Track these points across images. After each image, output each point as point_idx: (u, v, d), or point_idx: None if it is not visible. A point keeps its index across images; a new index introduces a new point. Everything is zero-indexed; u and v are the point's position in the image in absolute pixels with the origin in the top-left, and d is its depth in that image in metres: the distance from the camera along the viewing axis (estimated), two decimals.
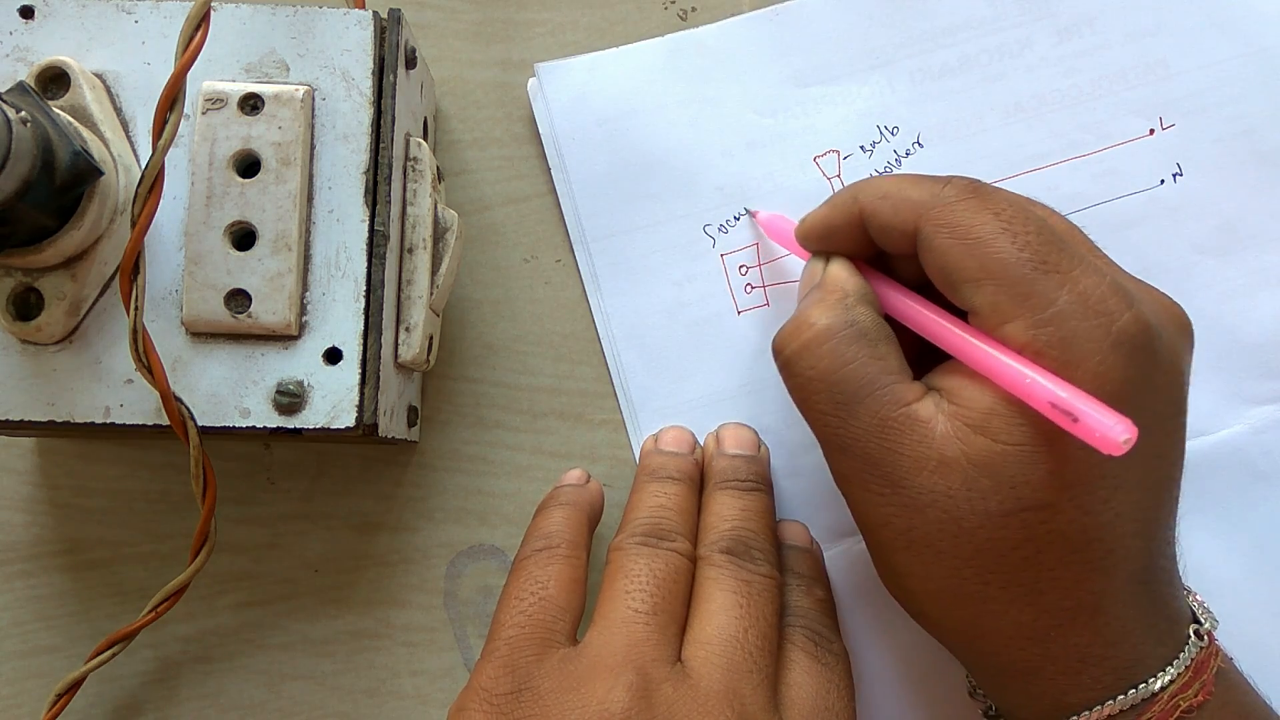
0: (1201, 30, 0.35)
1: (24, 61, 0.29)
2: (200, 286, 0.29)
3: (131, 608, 0.35)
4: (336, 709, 0.34)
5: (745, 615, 0.28)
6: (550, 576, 0.29)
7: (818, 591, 0.31)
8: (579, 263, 0.36)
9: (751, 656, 0.27)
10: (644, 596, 0.28)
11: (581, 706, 0.26)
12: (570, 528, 0.31)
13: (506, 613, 0.29)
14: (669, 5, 0.37)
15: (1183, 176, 0.35)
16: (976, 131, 0.36)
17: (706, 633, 0.28)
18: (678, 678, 0.26)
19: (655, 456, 0.33)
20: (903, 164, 0.36)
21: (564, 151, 0.36)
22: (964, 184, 0.28)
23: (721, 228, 0.36)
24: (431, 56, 0.37)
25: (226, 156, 0.29)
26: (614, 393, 0.35)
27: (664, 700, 0.26)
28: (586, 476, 0.34)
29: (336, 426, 0.29)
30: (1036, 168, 0.35)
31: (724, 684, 0.26)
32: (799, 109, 0.36)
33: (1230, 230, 0.35)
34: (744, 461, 0.33)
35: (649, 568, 0.29)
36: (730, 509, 0.31)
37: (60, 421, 0.29)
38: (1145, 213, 0.35)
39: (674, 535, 0.30)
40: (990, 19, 0.36)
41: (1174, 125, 0.35)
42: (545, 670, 0.27)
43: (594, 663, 0.27)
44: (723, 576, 0.29)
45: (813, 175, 0.36)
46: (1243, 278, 0.34)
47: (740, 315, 0.35)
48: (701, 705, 0.26)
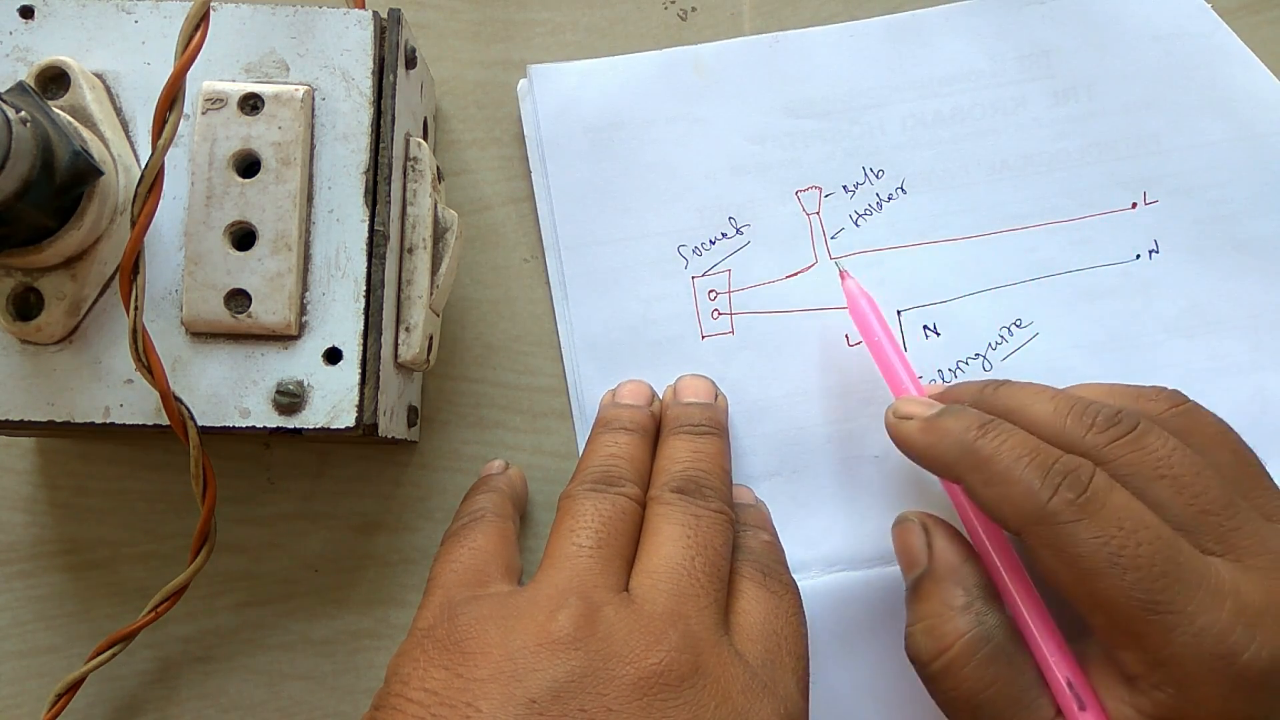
0: (1197, 109, 0.35)
1: (24, 61, 0.29)
2: (200, 286, 0.29)
3: (131, 608, 0.35)
4: (336, 709, 0.34)
5: (693, 545, 0.28)
6: (479, 534, 0.31)
7: (764, 536, 0.31)
8: (548, 268, 0.36)
9: (699, 582, 0.27)
10: (589, 534, 0.28)
11: (523, 632, 0.25)
12: (495, 503, 0.32)
13: (439, 569, 0.30)
14: (669, 5, 0.37)
15: (1159, 254, 0.35)
16: (961, 184, 0.35)
17: (653, 562, 0.28)
18: (621, 602, 0.26)
19: (611, 409, 0.33)
20: (884, 208, 0.35)
21: (546, 155, 0.36)
22: (1073, 492, 0.26)
23: (696, 250, 0.35)
24: (431, 56, 0.37)
25: (226, 156, 0.29)
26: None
27: (606, 622, 0.26)
28: (506, 465, 0.35)
29: (336, 426, 0.29)
30: (1015, 227, 0.35)
31: (669, 607, 0.26)
32: (787, 140, 0.36)
33: (1198, 313, 0.35)
34: (699, 408, 0.33)
35: (595, 509, 0.29)
36: (683, 451, 0.31)
37: (60, 421, 0.29)
38: (1117, 285, 0.35)
39: (624, 481, 0.30)
40: (989, 73, 0.36)
41: (1157, 201, 0.35)
42: (485, 604, 0.27)
43: (536, 594, 0.27)
44: (672, 512, 0.29)
45: (792, 209, 0.36)
46: (1204, 362, 0.34)
47: (704, 340, 0.35)
48: (645, 627, 0.26)
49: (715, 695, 0.25)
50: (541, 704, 0.24)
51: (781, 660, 0.27)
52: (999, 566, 0.29)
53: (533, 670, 0.25)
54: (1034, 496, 0.26)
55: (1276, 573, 0.25)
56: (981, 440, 0.27)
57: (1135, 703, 0.26)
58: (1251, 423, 0.33)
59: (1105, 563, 0.25)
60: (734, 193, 0.36)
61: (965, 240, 0.35)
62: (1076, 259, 0.35)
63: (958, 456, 0.28)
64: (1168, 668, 0.25)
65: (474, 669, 0.25)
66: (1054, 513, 0.25)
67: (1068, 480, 0.26)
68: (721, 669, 0.26)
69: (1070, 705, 0.27)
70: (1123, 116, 0.36)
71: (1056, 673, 0.27)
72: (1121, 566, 0.25)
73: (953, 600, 0.28)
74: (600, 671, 0.25)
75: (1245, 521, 0.26)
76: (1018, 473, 0.26)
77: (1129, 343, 0.34)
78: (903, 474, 0.34)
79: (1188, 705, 0.25)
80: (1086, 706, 0.26)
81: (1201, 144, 0.35)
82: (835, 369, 0.35)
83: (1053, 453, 0.27)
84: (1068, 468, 0.26)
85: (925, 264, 0.35)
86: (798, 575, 0.31)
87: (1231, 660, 0.24)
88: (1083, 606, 0.26)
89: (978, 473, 0.27)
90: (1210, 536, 0.26)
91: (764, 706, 0.25)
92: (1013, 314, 0.35)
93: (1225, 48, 0.36)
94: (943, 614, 0.28)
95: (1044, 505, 0.26)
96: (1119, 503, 0.25)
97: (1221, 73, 0.35)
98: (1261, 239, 0.35)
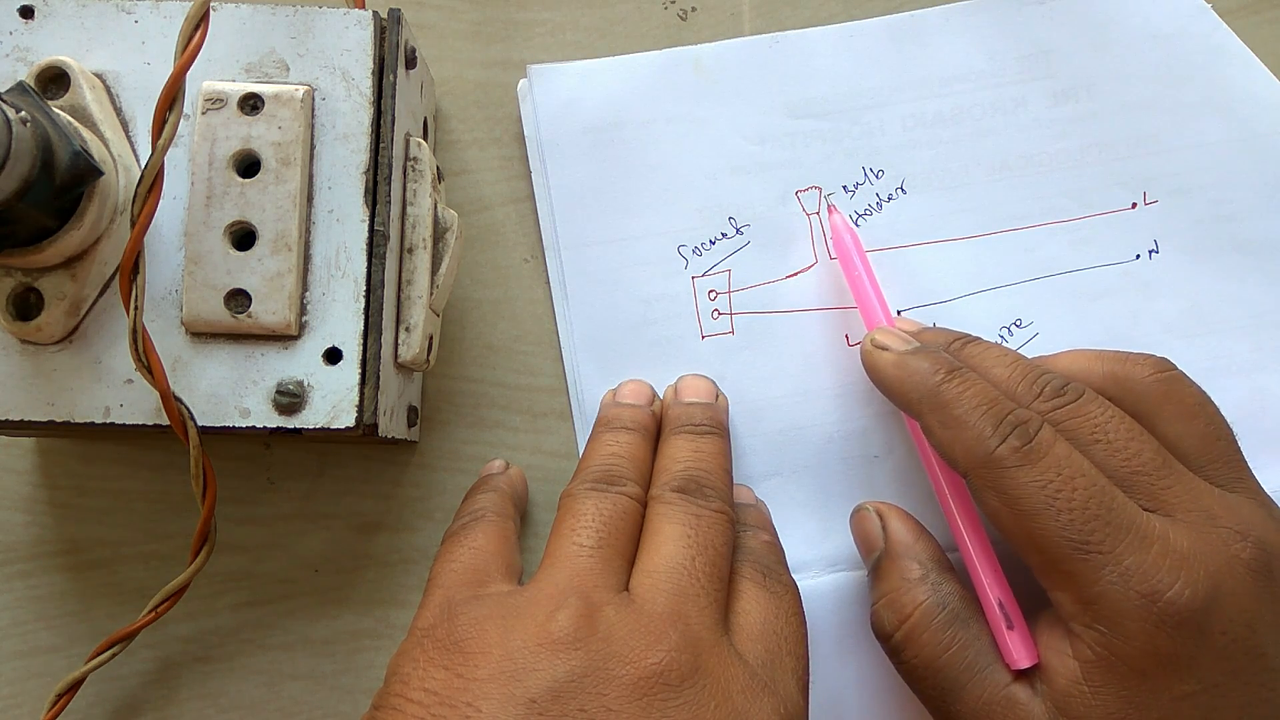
0: (1197, 109, 0.35)
1: (24, 61, 0.29)
2: (200, 286, 0.29)
3: (131, 608, 0.35)
4: (336, 709, 0.34)
5: (693, 544, 0.28)
6: (480, 534, 0.31)
7: (764, 536, 0.31)
8: (548, 268, 0.36)
9: (699, 582, 0.27)
10: (589, 533, 0.28)
11: (524, 631, 0.25)
12: (496, 503, 0.32)
13: (439, 568, 0.30)
14: (669, 5, 0.37)
15: (1159, 254, 0.35)
16: (961, 184, 0.35)
17: (654, 562, 0.28)
18: (622, 601, 0.27)
19: (612, 408, 0.33)
20: (884, 208, 0.35)
21: (546, 156, 0.36)
22: (1020, 441, 0.27)
23: (696, 250, 0.35)
24: (431, 56, 0.37)
25: (226, 156, 0.29)
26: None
27: (606, 622, 0.26)
28: (506, 464, 0.35)
29: (336, 426, 0.29)
30: (1015, 228, 0.35)
31: (669, 607, 0.26)
32: (787, 140, 0.36)
33: (1198, 313, 0.35)
34: (700, 408, 0.33)
35: (596, 508, 0.29)
36: (684, 451, 0.31)
37: (60, 421, 0.29)
38: (1118, 285, 0.35)
39: (624, 480, 0.30)
40: (989, 73, 0.36)
41: (1157, 201, 0.35)
42: (485, 604, 0.27)
43: (536, 593, 0.27)
44: (673, 512, 0.29)
45: (793, 209, 0.36)
46: (1205, 361, 0.34)
47: (704, 340, 0.35)
48: (645, 626, 0.26)
49: (715, 695, 0.25)
50: (541, 704, 0.24)
51: (781, 660, 0.27)
52: (948, 495, 0.31)
53: (533, 670, 0.25)
54: (984, 443, 0.28)
55: (1205, 526, 0.27)
56: (946, 385, 0.29)
57: (1075, 650, 0.27)
58: (1251, 423, 0.33)
59: (1042, 504, 0.27)
60: (734, 193, 0.36)
61: (965, 240, 0.35)
62: (1076, 259, 0.35)
63: (921, 396, 0.29)
64: (1097, 606, 0.26)
65: (474, 669, 0.25)
66: (1000, 458, 0.27)
67: (1017, 431, 0.28)
68: (721, 669, 0.26)
69: (999, 624, 0.29)
70: (1122, 116, 0.36)
71: (989, 593, 0.29)
72: (1056, 508, 0.27)
73: (909, 573, 0.30)
74: (600, 671, 0.25)
75: (1177, 482, 0.28)
76: (973, 420, 0.28)
77: (1129, 343, 0.34)
78: (902, 474, 0.34)
79: (1117, 641, 0.26)
80: (1014, 626, 0.28)
81: (1201, 144, 0.35)
82: (835, 369, 0.35)
83: (1007, 405, 0.28)
84: (1019, 419, 0.28)
85: (925, 264, 0.35)
86: (798, 575, 0.31)
87: (1155, 599, 0.26)
88: (1020, 546, 0.28)
89: (936, 414, 0.29)
90: (1143, 494, 0.27)
91: (764, 706, 0.25)
92: (1013, 314, 0.35)
93: (1225, 48, 0.36)
94: (900, 587, 0.30)
95: (992, 452, 0.27)
96: (1061, 453, 0.27)
97: (1221, 73, 0.35)
98: (1261, 239, 0.35)
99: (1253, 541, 0.27)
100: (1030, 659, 0.28)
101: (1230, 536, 0.27)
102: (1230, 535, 0.27)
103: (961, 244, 0.35)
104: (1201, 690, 0.26)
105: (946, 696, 0.28)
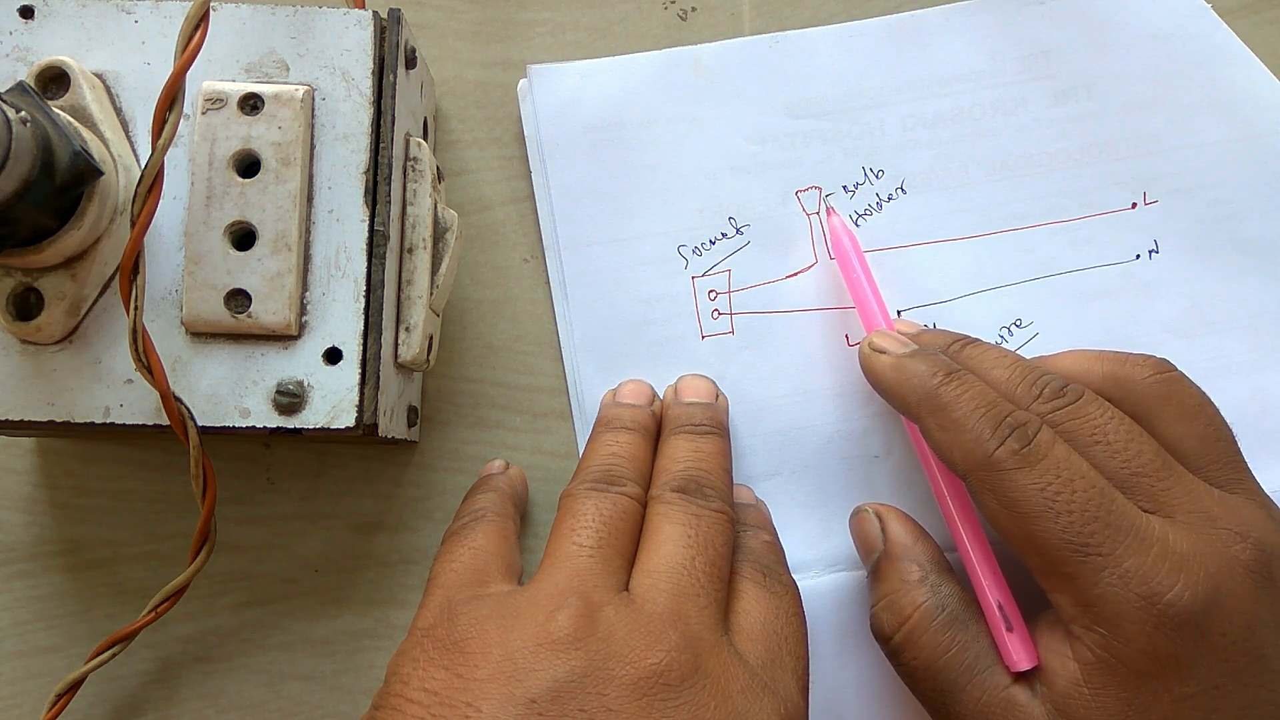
0: (1197, 109, 0.35)
1: (24, 61, 0.29)
2: (200, 286, 0.29)
3: (131, 608, 0.35)
4: (336, 709, 0.34)
5: (693, 544, 0.28)
6: (480, 534, 0.31)
7: (764, 536, 0.31)
8: (549, 268, 0.36)
9: (699, 582, 0.27)
10: (589, 533, 0.28)
11: (523, 630, 0.25)
12: (496, 503, 0.32)
13: (439, 568, 0.30)
14: (669, 5, 0.37)
15: (1159, 254, 0.35)
16: (961, 184, 0.35)
17: (654, 562, 0.28)
18: (622, 601, 0.27)
19: (611, 408, 0.34)
20: (884, 208, 0.35)
21: (546, 156, 0.36)
22: (1018, 443, 0.27)
23: (696, 250, 0.35)
24: (431, 56, 0.37)
25: (226, 156, 0.29)
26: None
27: (606, 622, 0.26)
28: (506, 464, 0.35)
29: (336, 426, 0.29)
30: (1015, 228, 0.35)
31: (669, 607, 0.26)
32: (787, 140, 0.36)
33: (1198, 313, 0.35)
34: (700, 408, 0.33)
35: (596, 508, 0.29)
36: (684, 451, 0.31)
37: (60, 421, 0.29)
38: (1118, 285, 0.35)
39: (624, 481, 0.30)
40: (989, 73, 0.36)
41: (1157, 201, 0.35)
42: (485, 604, 0.27)
43: (536, 594, 0.27)
44: (673, 512, 0.29)
45: (793, 209, 0.36)
46: (1205, 361, 0.34)
47: (704, 340, 0.35)
48: (645, 627, 0.26)
49: (715, 695, 0.25)
50: (541, 704, 0.24)
51: (781, 660, 0.27)
52: (947, 497, 0.31)
53: (533, 670, 0.25)
54: (982, 445, 0.28)
55: (1205, 527, 0.27)
56: (944, 387, 0.29)
57: (1075, 652, 0.27)
58: (1251, 423, 0.33)
59: (1041, 507, 0.27)
60: (734, 193, 0.36)
61: (965, 240, 0.35)
62: (1076, 259, 0.35)
63: (919, 398, 0.29)
64: (1097, 608, 0.26)
65: (474, 669, 0.25)
66: (998, 460, 0.27)
67: (1015, 433, 0.27)
68: (721, 669, 0.26)
69: (999, 626, 0.29)
70: (1122, 116, 0.36)
71: (988, 595, 0.29)
72: (1056, 510, 0.26)
73: (908, 575, 0.30)
74: (600, 671, 0.25)
75: (1177, 484, 0.28)
76: (971, 422, 0.28)
77: (1129, 343, 0.34)
78: (902, 474, 0.34)
79: (1117, 643, 0.26)
80: (1014, 628, 0.28)
81: (1201, 144, 0.35)
82: (835, 369, 0.35)
83: (1006, 407, 0.28)
84: (1017, 421, 0.28)
85: (925, 264, 0.35)
86: (798, 575, 0.31)
87: (1155, 600, 0.26)
88: (1020, 548, 0.27)
89: (935, 417, 0.29)
90: (1143, 495, 0.27)
91: (764, 706, 0.25)
92: (1013, 314, 0.35)
93: (1225, 48, 0.36)
94: (900, 588, 0.30)
95: (990, 454, 0.27)
96: (1059, 455, 0.27)
97: (1221, 73, 0.35)
98: (1261, 239, 0.35)
99: (1253, 543, 0.27)
100: (1030, 661, 0.28)
101: (1230, 538, 0.27)
102: (1230, 537, 0.27)
103: (961, 244, 0.35)
104: (1201, 692, 0.26)
105: (946, 698, 0.28)
